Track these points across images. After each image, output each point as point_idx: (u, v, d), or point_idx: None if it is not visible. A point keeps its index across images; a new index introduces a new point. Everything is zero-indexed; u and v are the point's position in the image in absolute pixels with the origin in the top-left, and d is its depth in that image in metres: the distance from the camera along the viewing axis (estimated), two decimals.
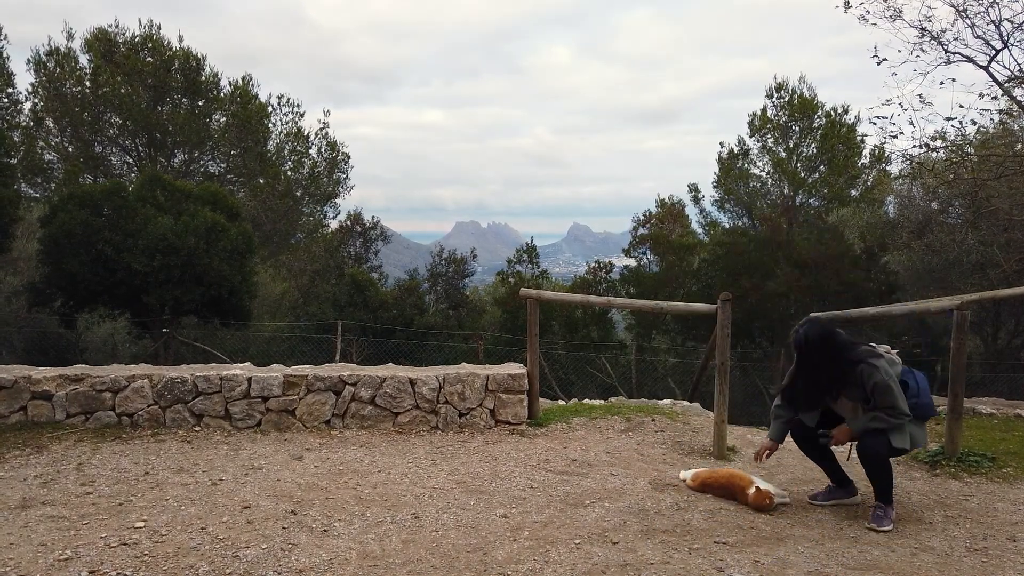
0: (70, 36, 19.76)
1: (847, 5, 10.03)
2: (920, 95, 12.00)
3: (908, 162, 10.85)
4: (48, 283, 13.14)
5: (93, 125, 19.40)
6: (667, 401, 7.33)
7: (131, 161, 20.48)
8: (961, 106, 17.80)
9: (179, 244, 12.72)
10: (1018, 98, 9.98)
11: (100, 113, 19.36)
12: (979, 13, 9.37)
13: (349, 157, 23.74)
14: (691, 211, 24.57)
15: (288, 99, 22.43)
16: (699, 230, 23.95)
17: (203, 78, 20.29)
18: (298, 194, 22.93)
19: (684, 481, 4.57)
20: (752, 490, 4.14)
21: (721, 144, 23.79)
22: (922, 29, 9.68)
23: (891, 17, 9.78)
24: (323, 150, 23.38)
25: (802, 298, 14.90)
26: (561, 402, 7.36)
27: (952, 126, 10.03)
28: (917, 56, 9.74)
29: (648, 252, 20.47)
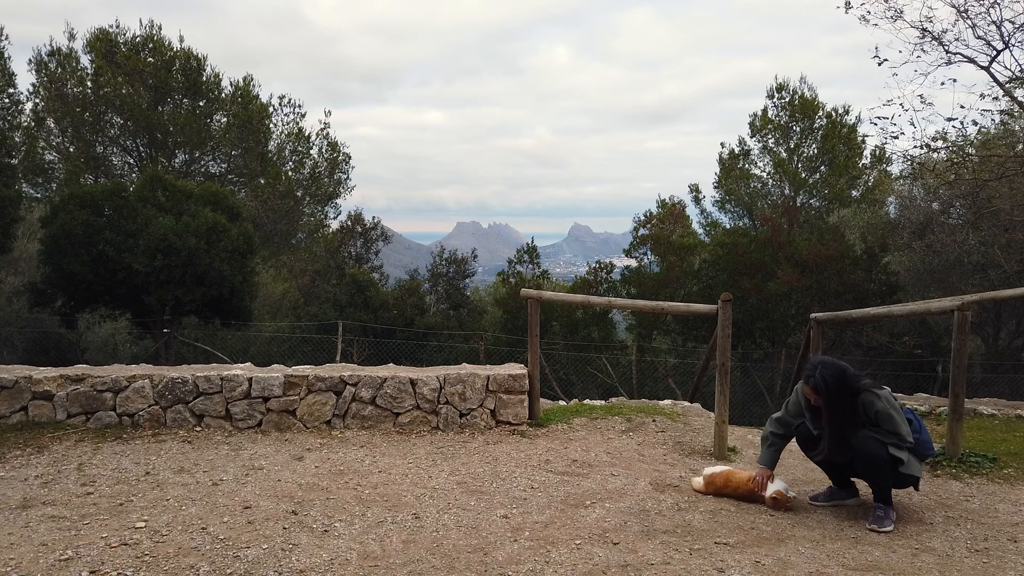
0: (71, 37, 19.82)
1: (848, 6, 10.03)
2: (921, 96, 12.01)
3: (909, 163, 10.86)
4: (49, 283, 13.15)
5: (94, 125, 19.42)
6: (668, 402, 7.33)
7: (132, 161, 20.51)
8: (962, 107, 17.84)
9: (180, 244, 12.73)
10: (1019, 98, 9.97)
11: (101, 113, 19.39)
12: (980, 14, 9.38)
13: (350, 157, 23.79)
14: (692, 211, 24.61)
15: (289, 99, 22.48)
16: (700, 231, 23.96)
17: (204, 78, 20.32)
18: (299, 194, 22.95)
19: (701, 480, 4.49)
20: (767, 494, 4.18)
21: (722, 144, 23.84)
22: (923, 30, 9.68)
23: (892, 18, 9.79)
24: (324, 150, 23.41)
25: (803, 298, 14.90)
26: (562, 402, 7.36)
27: (953, 126, 10.06)
28: (918, 57, 9.75)
29: (649, 252, 20.46)
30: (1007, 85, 9.71)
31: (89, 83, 19.24)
